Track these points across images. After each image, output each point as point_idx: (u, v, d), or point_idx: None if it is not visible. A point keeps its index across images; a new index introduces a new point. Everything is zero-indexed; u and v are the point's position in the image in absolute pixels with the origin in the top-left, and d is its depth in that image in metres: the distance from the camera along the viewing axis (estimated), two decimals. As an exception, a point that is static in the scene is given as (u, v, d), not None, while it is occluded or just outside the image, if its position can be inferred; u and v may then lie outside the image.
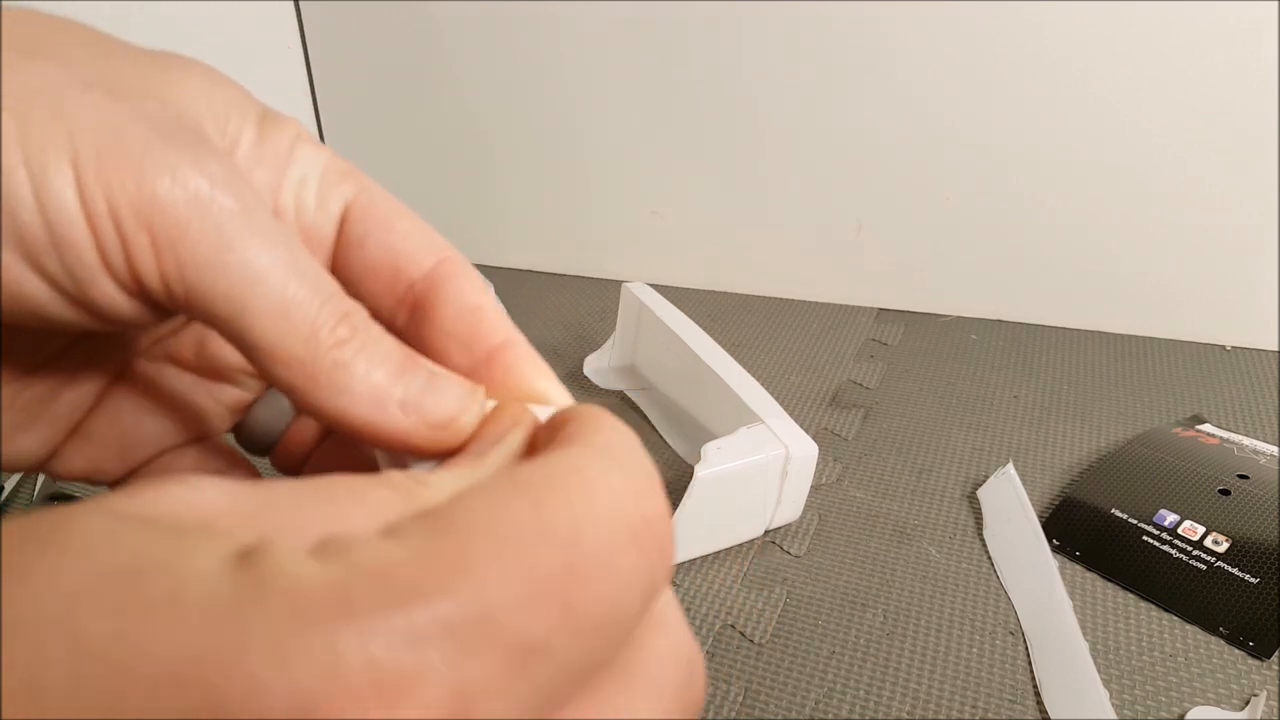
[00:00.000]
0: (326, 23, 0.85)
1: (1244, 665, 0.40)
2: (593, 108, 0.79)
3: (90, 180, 0.12)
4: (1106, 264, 0.69)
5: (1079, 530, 0.48)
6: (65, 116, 0.12)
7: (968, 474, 0.54)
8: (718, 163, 0.77)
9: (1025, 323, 0.73)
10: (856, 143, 0.71)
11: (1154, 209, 0.65)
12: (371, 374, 0.14)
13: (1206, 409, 0.60)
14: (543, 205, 0.86)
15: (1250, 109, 0.60)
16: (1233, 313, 0.67)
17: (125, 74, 0.14)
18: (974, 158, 0.68)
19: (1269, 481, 0.49)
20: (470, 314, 0.16)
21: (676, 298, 0.64)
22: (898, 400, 0.63)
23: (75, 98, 0.13)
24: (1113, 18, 0.61)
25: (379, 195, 0.17)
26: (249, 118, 0.16)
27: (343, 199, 0.17)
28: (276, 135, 0.16)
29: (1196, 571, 0.44)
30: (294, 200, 0.16)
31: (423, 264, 0.17)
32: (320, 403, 0.14)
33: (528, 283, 0.86)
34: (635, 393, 0.64)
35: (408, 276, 0.17)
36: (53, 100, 0.12)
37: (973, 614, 0.44)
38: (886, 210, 0.73)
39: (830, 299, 0.79)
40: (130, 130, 0.13)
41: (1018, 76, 0.65)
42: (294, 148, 0.16)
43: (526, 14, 0.76)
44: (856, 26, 0.67)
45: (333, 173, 0.17)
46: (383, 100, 0.87)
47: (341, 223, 0.17)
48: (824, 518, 0.51)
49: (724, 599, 0.45)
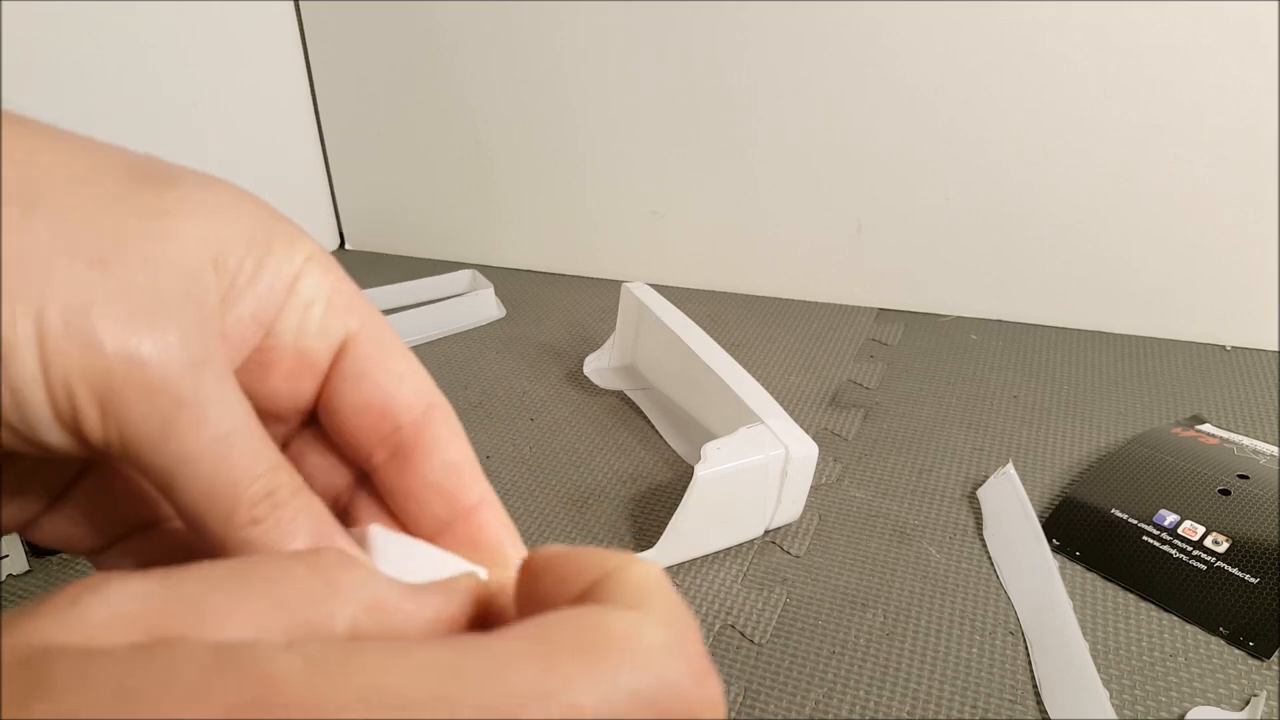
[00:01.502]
0: (326, 23, 0.85)
1: (1244, 665, 0.40)
2: (593, 108, 0.79)
3: (52, 351, 0.13)
4: (1106, 264, 0.69)
5: (1079, 530, 0.48)
6: (44, 287, 0.13)
7: (968, 474, 0.54)
8: (718, 163, 0.77)
9: (1025, 323, 0.73)
10: (856, 143, 0.71)
11: (1154, 209, 0.65)
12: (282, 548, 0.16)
13: (1206, 409, 0.60)
14: (543, 205, 0.86)
15: (1250, 109, 0.60)
16: (1233, 313, 0.67)
17: (122, 228, 0.14)
18: (974, 158, 0.68)
19: (1269, 481, 0.49)
20: (454, 469, 0.18)
21: (676, 298, 0.64)
22: (898, 400, 0.63)
23: (60, 266, 0.14)
24: (1113, 18, 0.61)
25: (380, 329, 0.18)
26: (254, 248, 0.16)
27: (344, 330, 0.18)
28: (282, 262, 0.17)
29: (1196, 571, 0.44)
30: (296, 322, 0.17)
31: (413, 409, 0.18)
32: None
33: (528, 283, 0.86)
34: (635, 393, 0.64)
35: (395, 420, 0.18)
36: (36, 269, 0.13)
37: (973, 614, 0.44)
38: (886, 210, 0.73)
39: (830, 299, 0.79)
40: (100, 307, 0.14)
41: (1018, 77, 0.65)
42: (301, 274, 0.17)
43: (526, 14, 0.76)
44: (857, 27, 0.67)
45: (338, 300, 0.18)
46: (383, 100, 0.87)
47: (339, 353, 0.18)
48: (824, 518, 0.51)
49: (724, 599, 0.45)
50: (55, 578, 0.48)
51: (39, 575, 0.49)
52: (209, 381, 0.15)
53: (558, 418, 0.62)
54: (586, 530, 0.50)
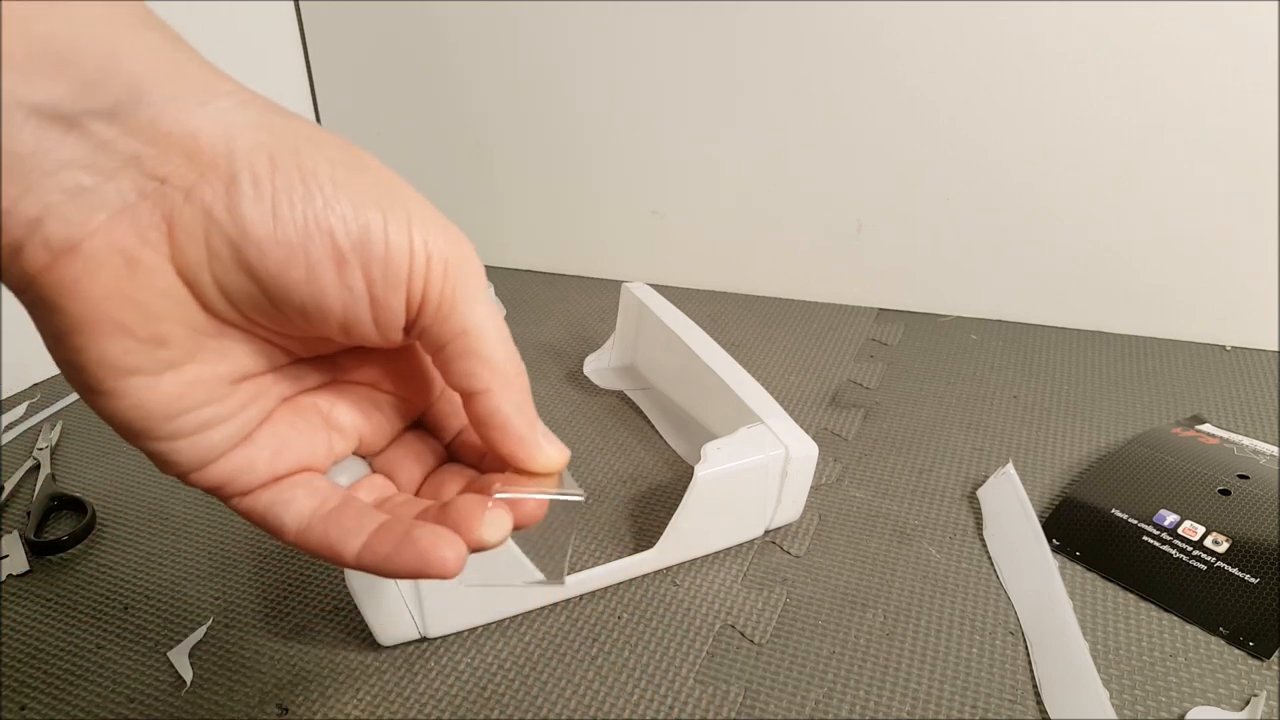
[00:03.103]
0: (326, 23, 0.85)
1: (1244, 665, 0.40)
2: (593, 108, 0.79)
3: (416, 233, 0.22)
4: (1106, 264, 0.69)
5: (1079, 530, 0.48)
6: (399, 191, 0.22)
7: (968, 474, 0.54)
8: (718, 163, 0.77)
9: (1025, 323, 0.73)
10: (856, 143, 0.71)
11: (1154, 209, 0.65)
12: (529, 402, 0.25)
13: (1206, 409, 0.60)
14: (543, 205, 0.86)
15: (1250, 109, 0.60)
16: (1233, 313, 0.67)
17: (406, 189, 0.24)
18: (973, 158, 0.68)
19: (1269, 481, 0.49)
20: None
21: (676, 298, 0.64)
22: (898, 400, 0.63)
23: (399, 182, 0.22)
24: (1113, 18, 0.61)
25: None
26: None
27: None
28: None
29: (1196, 571, 0.44)
30: None
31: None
32: (502, 401, 0.24)
33: (528, 283, 0.86)
34: (635, 393, 0.64)
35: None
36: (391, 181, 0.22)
37: (973, 614, 0.44)
38: (886, 210, 0.73)
39: (830, 299, 0.79)
40: (431, 211, 0.22)
41: (1018, 77, 0.65)
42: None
43: (526, 14, 0.76)
44: (857, 27, 0.67)
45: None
46: (383, 100, 0.87)
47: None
48: (824, 518, 0.51)
49: (724, 599, 0.45)
50: (55, 578, 0.48)
51: (39, 575, 0.49)
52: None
53: (558, 418, 0.62)
54: (586, 530, 0.50)
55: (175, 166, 0.20)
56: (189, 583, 0.48)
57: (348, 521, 0.23)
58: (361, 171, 0.21)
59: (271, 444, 0.24)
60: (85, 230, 0.19)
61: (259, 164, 0.20)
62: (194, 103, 0.20)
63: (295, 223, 0.20)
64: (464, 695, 0.40)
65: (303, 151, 0.20)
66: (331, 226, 0.20)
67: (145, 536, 0.52)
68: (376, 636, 0.42)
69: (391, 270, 0.21)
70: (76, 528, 0.51)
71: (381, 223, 0.21)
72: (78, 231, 0.19)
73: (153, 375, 0.21)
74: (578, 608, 0.45)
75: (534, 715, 0.39)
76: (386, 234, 0.21)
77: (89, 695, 0.41)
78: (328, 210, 0.20)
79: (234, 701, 0.40)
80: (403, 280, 0.21)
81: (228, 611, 0.46)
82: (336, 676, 0.41)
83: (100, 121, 0.19)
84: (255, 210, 0.20)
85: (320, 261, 0.20)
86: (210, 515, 0.53)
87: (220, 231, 0.20)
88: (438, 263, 0.22)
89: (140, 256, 0.20)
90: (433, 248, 0.22)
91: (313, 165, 0.20)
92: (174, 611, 0.46)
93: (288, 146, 0.20)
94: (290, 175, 0.20)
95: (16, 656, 0.43)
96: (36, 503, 0.54)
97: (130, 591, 0.47)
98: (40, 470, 0.58)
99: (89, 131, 0.19)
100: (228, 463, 0.23)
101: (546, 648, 0.43)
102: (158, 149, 0.19)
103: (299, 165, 0.20)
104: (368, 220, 0.21)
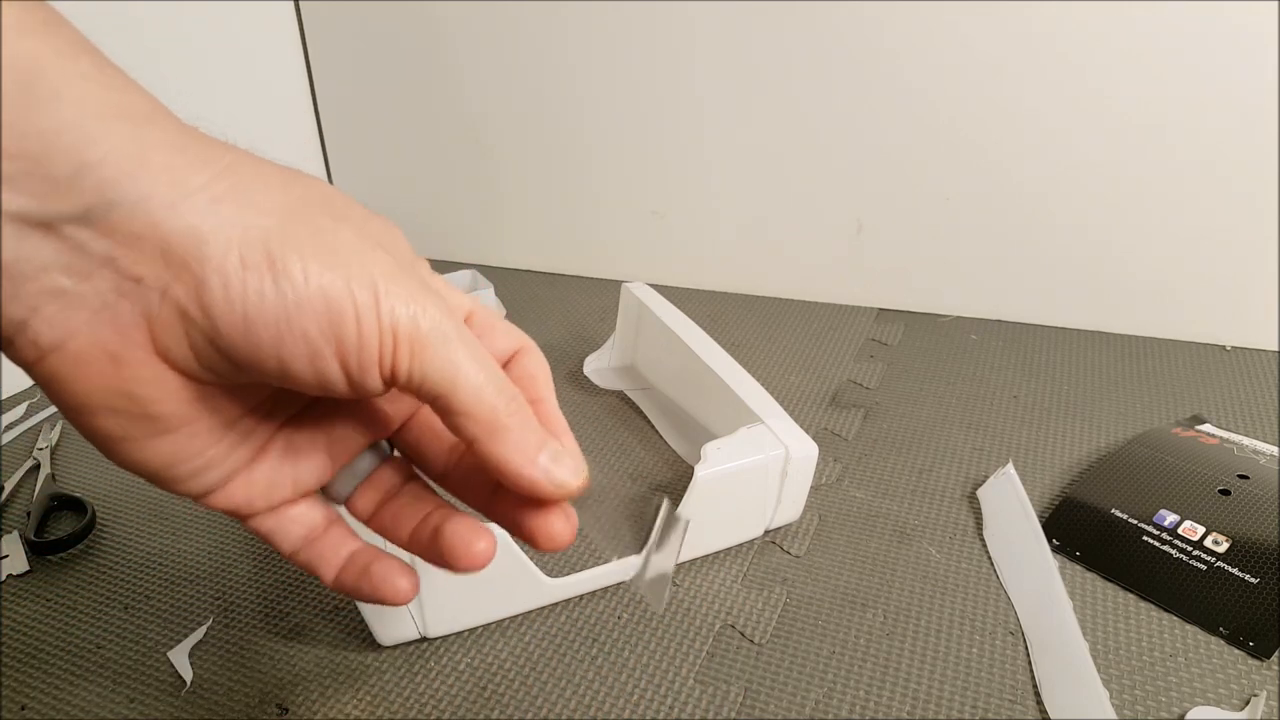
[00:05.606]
0: (326, 23, 0.85)
1: (1244, 665, 0.40)
2: (593, 108, 0.79)
3: (383, 305, 0.21)
4: (1106, 264, 0.69)
5: (1079, 530, 0.48)
6: (370, 265, 0.22)
7: (968, 474, 0.54)
8: (718, 163, 0.77)
9: (1025, 323, 0.73)
10: (856, 143, 0.71)
11: (1154, 209, 0.65)
12: (526, 437, 0.24)
13: (1206, 409, 0.60)
14: (543, 205, 0.86)
15: (1250, 109, 0.60)
16: (1233, 313, 0.67)
17: (391, 235, 0.24)
18: (974, 158, 0.68)
19: (1269, 481, 0.49)
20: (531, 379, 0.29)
21: (676, 298, 0.64)
22: (898, 400, 0.63)
23: (371, 251, 0.22)
24: (1113, 18, 0.61)
25: (487, 314, 0.28)
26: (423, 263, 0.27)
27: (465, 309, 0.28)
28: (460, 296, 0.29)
29: (1196, 571, 0.44)
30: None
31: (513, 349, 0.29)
32: (491, 448, 0.24)
33: (528, 283, 0.86)
34: (635, 393, 0.64)
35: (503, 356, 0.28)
36: (360, 252, 0.22)
37: (973, 614, 0.44)
38: (886, 210, 0.73)
39: (830, 299, 0.79)
40: (400, 277, 0.22)
41: (1017, 77, 0.65)
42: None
43: (527, 13, 0.76)
44: (856, 27, 0.67)
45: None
46: (383, 100, 0.87)
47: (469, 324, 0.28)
48: (824, 518, 0.51)
49: (724, 599, 0.45)
50: (55, 578, 0.48)
51: (39, 575, 0.49)
52: (461, 325, 0.23)
53: (558, 418, 0.62)
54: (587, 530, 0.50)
55: (149, 267, 0.20)
56: (189, 583, 0.48)
57: (325, 552, 0.27)
58: (333, 253, 0.21)
59: (266, 475, 0.26)
60: (68, 330, 0.20)
61: (229, 265, 0.20)
62: (163, 204, 0.20)
63: (266, 322, 0.21)
64: (464, 695, 0.40)
65: (273, 245, 0.21)
66: (304, 327, 0.21)
67: (145, 536, 0.52)
68: (376, 636, 0.42)
69: (365, 355, 0.22)
70: (76, 528, 0.51)
71: (354, 312, 0.21)
72: (61, 332, 0.20)
73: (149, 439, 0.22)
74: (578, 608, 0.45)
75: (534, 715, 0.39)
76: (359, 322, 0.21)
77: (89, 695, 0.41)
78: (300, 308, 0.21)
79: (234, 701, 0.40)
80: (374, 361, 0.22)
81: (227, 611, 0.46)
82: (336, 676, 0.41)
83: (73, 225, 0.19)
84: (227, 313, 0.20)
85: (295, 356, 0.21)
86: (210, 515, 0.53)
87: (197, 328, 0.21)
88: (404, 340, 0.22)
89: (123, 353, 0.21)
90: (400, 323, 0.22)
91: (284, 262, 0.21)
92: (174, 611, 0.46)
93: (257, 242, 0.21)
94: (261, 274, 0.20)
95: (16, 656, 0.43)
96: (36, 503, 0.54)
97: (130, 591, 0.47)
98: (40, 470, 0.58)
99: (64, 234, 0.19)
100: (232, 492, 0.25)
101: (546, 648, 0.43)
102: (132, 251, 0.20)
103: (270, 263, 0.20)
104: (341, 310, 0.21)
